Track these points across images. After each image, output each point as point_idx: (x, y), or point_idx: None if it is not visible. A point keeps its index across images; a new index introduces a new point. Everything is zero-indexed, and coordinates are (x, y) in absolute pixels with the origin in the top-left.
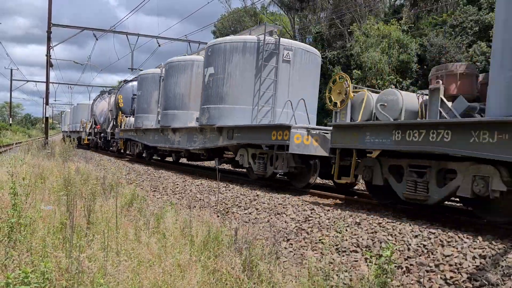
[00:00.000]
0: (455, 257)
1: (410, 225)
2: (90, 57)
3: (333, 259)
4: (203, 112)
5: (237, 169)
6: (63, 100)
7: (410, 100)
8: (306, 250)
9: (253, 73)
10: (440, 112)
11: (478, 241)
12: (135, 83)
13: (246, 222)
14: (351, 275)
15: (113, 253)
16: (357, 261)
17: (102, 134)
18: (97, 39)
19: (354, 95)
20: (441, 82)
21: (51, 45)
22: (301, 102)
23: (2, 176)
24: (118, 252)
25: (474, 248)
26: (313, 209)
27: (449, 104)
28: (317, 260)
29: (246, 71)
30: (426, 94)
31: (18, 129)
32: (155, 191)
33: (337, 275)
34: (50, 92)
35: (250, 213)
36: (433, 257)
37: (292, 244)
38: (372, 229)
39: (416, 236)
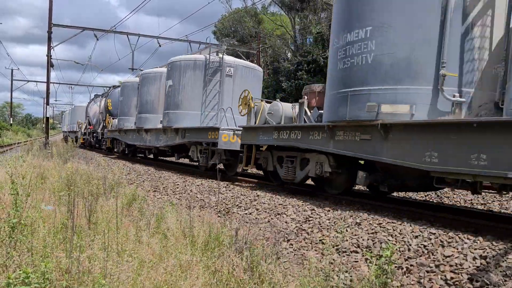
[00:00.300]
0: (455, 258)
1: (410, 226)
2: (91, 57)
3: (333, 260)
4: (164, 116)
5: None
6: (63, 100)
7: (288, 109)
8: (307, 250)
9: (202, 85)
10: (304, 119)
11: (478, 241)
12: None
13: (246, 222)
14: (351, 276)
15: (114, 253)
16: (357, 261)
17: (94, 134)
18: (97, 39)
19: (255, 105)
20: (306, 97)
21: (51, 45)
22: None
23: (2, 176)
24: (119, 253)
25: (475, 249)
26: (313, 209)
27: (310, 113)
28: (317, 261)
29: (196, 84)
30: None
31: (18, 129)
32: (155, 191)
33: (337, 275)
34: (50, 92)
35: (250, 213)
36: (434, 258)
37: (292, 245)
38: (372, 229)
39: (416, 237)
